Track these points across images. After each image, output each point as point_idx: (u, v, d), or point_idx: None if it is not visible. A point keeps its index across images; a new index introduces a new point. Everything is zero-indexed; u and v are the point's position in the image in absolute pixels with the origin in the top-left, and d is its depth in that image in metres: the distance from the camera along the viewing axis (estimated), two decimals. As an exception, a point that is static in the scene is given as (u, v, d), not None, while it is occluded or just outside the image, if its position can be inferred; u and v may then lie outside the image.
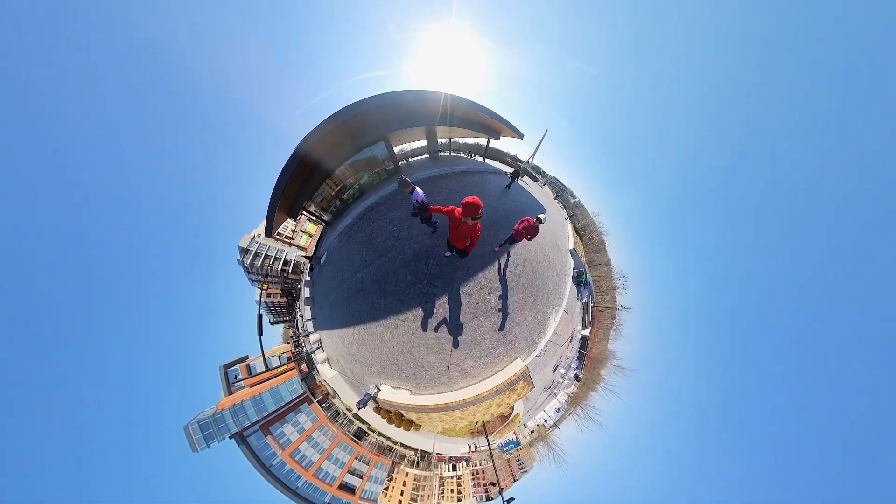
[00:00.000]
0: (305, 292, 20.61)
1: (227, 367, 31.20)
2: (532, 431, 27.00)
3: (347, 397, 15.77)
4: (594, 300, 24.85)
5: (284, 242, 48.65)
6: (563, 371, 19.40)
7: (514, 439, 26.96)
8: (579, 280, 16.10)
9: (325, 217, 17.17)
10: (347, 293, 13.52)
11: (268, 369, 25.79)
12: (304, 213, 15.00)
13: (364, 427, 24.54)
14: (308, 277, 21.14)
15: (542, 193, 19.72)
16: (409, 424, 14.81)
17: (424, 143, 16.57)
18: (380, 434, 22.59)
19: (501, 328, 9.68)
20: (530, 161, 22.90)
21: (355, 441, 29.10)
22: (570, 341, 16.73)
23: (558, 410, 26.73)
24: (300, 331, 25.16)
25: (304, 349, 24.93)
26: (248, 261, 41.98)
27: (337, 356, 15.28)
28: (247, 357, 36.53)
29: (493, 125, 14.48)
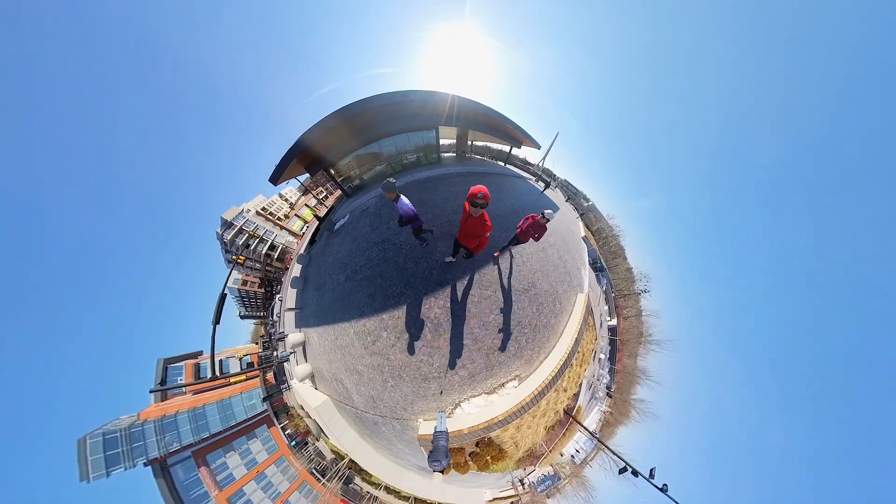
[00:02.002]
0: (296, 270, 14.53)
1: (169, 362, 23.83)
2: (568, 463, 20.87)
3: (345, 440, 9.37)
4: (614, 290, 25.65)
5: (276, 224, 42.26)
6: (601, 356, 19.39)
7: (552, 473, 20.65)
8: (595, 266, 15.59)
9: (347, 187, 15.19)
10: (383, 253, 8.70)
11: (216, 375, 18.62)
12: (325, 174, 13.86)
13: (358, 476, 17.13)
14: (303, 252, 15.15)
15: (553, 196, 18.86)
16: (495, 456, 7.90)
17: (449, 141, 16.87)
18: (388, 489, 15.46)
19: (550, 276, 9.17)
20: (541, 164, 23.39)
21: (322, 483, 21.57)
22: (600, 326, 16.24)
23: (593, 435, 21.91)
24: (274, 318, 18.54)
25: (277, 354, 18.20)
26: (229, 236, 35.41)
27: (336, 372, 9.09)
28: (200, 353, 29.04)
29: (515, 135, 15.30)
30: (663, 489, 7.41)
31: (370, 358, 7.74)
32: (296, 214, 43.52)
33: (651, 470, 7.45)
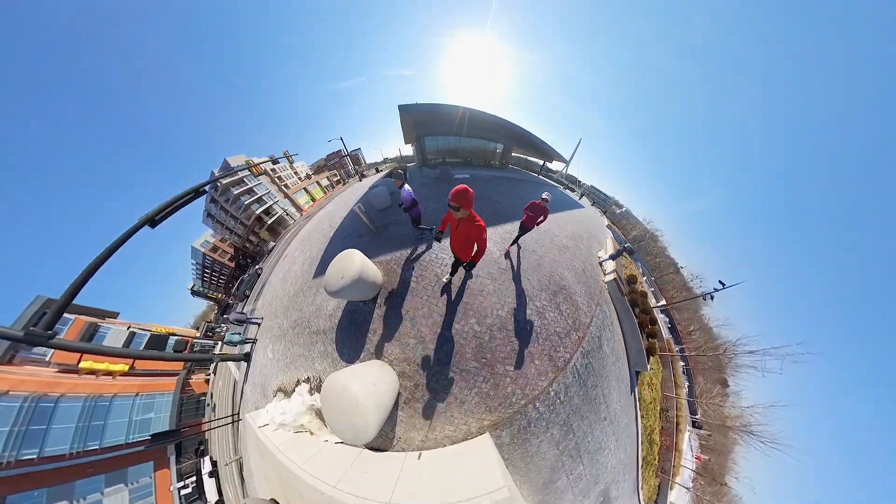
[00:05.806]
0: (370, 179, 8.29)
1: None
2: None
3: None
4: (652, 275, 25.72)
5: (280, 189, 35.09)
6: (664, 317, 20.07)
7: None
8: (625, 249, 15.16)
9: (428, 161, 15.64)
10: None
11: (87, 343, 9.95)
12: (415, 141, 14.99)
13: None
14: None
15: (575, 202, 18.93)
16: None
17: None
18: None
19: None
20: (565, 171, 22.99)
21: None
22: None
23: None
24: (266, 249, 11.97)
25: (238, 343, 10.68)
26: (224, 181, 28.02)
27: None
28: (114, 315, 20.02)
29: (548, 152, 17.89)
30: (722, 286, 10.96)
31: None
32: (304, 188, 36.83)
33: (720, 283, 10.90)
